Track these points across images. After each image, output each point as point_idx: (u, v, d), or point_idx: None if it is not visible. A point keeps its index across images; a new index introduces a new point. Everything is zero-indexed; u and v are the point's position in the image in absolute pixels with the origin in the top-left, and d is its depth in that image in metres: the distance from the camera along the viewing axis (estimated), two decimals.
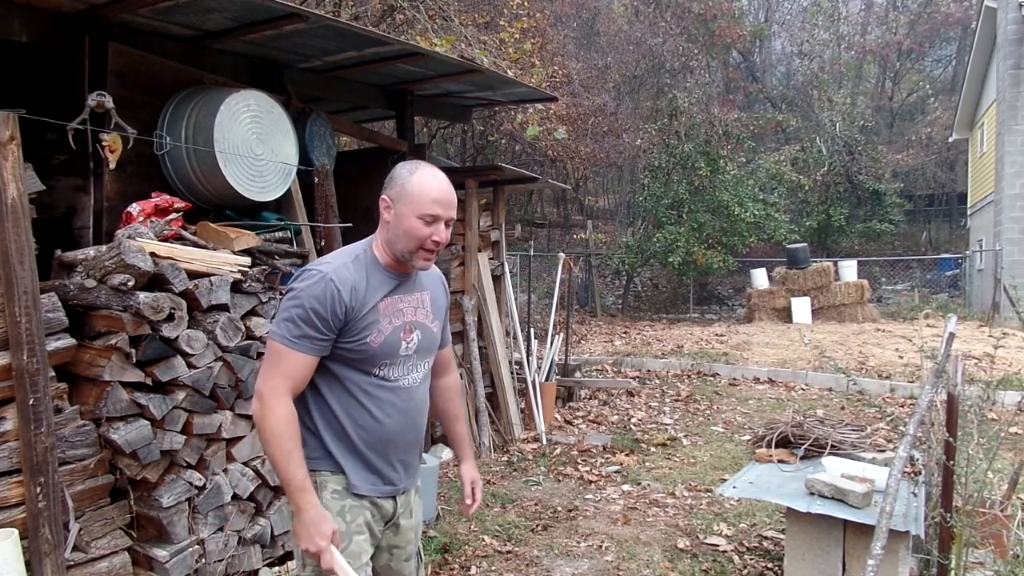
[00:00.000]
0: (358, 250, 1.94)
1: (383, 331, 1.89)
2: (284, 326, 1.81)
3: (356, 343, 1.85)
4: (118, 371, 2.85)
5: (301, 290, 1.81)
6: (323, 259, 1.91)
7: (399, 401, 1.95)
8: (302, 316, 1.79)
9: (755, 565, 3.76)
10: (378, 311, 1.88)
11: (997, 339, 3.28)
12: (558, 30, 15.36)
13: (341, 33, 4.21)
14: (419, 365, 2.01)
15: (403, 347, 1.94)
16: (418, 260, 1.89)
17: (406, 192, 1.86)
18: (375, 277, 1.90)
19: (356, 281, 1.85)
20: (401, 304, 1.94)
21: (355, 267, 1.88)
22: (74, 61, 3.61)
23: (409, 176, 1.87)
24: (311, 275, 1.83)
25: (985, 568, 3.22)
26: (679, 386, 8.59)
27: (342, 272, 1.84)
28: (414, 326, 1.96)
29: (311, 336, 1.80)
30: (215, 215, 4.01)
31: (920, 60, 27.44)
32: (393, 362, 1.93)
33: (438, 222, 1.86)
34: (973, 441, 3.03)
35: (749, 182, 15.60)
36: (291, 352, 1.80)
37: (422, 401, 2.05)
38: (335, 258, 1.91)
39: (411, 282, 1.98)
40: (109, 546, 2.89)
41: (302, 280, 1.84)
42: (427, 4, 8.73)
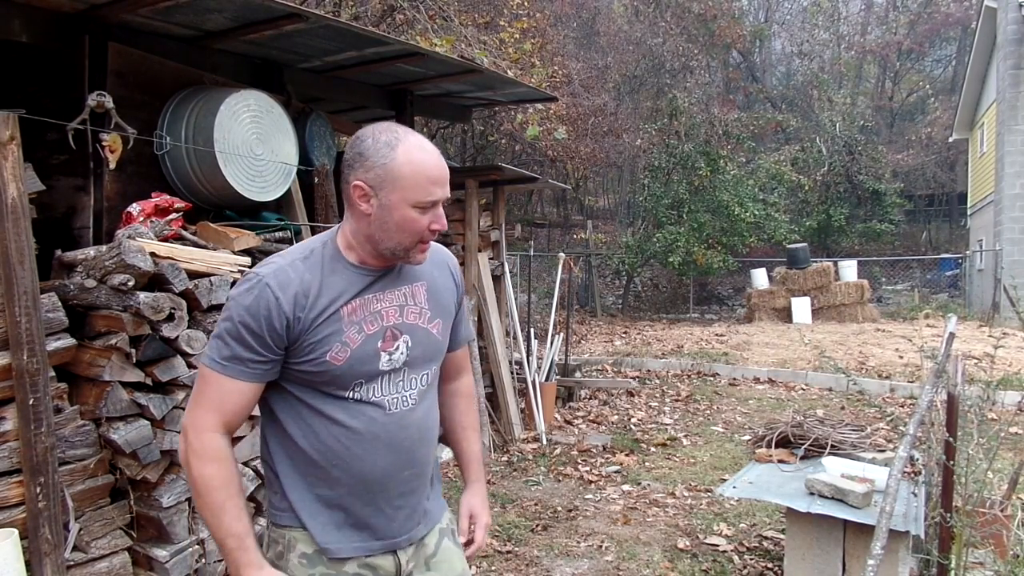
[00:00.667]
0: (314, 244, 1.53)
1: (350, 342, 1.46)
2: (212, 345, 1.45)
3: (312, 362, 1.45)
4: (118, 371, 2.85)
5: (231, 300, 1.45)
6: (268, 259, 1.52)
7: (386, 430, 1.51)
8: (231, 332, 1.42)
9: (755, 565, 3.76)
10: (339, 318, 1.46)
11: (997, 339, 3.28)
12: (558, 30, 15.36)
13: (341, 33, 4.21)
14: (413, 380, 1.56)
15: (384, 360, 1.50)
16: (417, 255, 1.51)
17: (392, 175, 1.43)
18: (336, 277, 1.49)
19: (304, 284, 1.45)
20: (377, 304, 1.51)
21: (306, 266, 1.48)
22: (74, 61, 3.61)
23: (390, 152, 1.43)
24: (244, 281, 1.46)
25: (985, 568, 3.22)
26: (679, 386, 8.59)
27: (283, 275, 1.45)
28: (399, 331, 1.53)
29: (243, 358, 1.42)
30: (215, 215, 4.01)
31: (920, 60, 27.44)
32: (372, 380, 1.50)
33: (437, 206, 1.48)
34: (973, 441, 3.02)
35: (749, 182, 15.61)
36: (218, 377, 1.43)
37: (422, 427, 1.58)
38: (281, 257, 1.51)
39: (393, 275, 1.55)
40: (109, 546, 2.88)
41: (236, 287, 1.47)
42: (427, 4, 8.73)
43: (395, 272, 1.56)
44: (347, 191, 1.48)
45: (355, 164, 1.45)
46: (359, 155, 1.45)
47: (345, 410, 1.49)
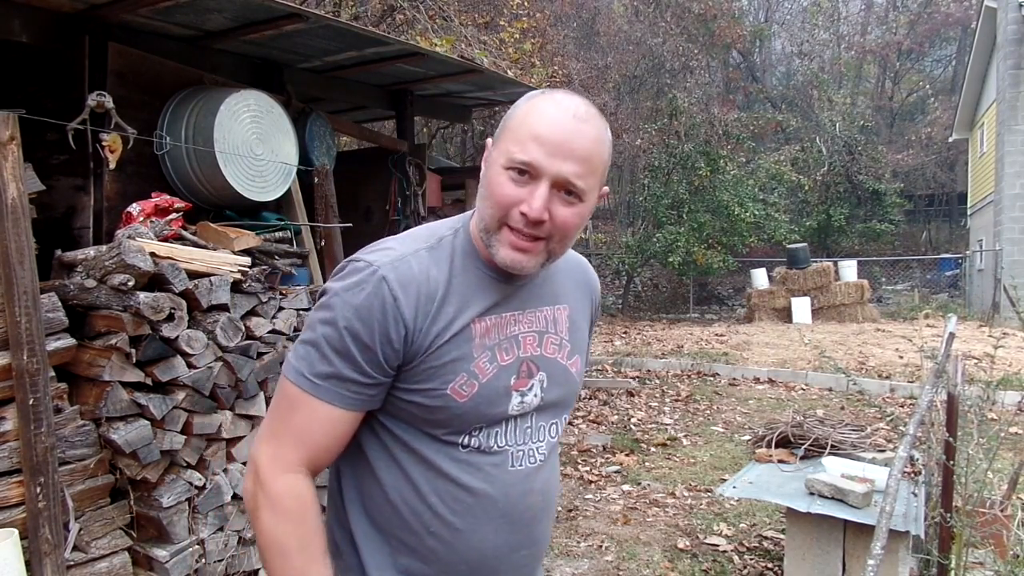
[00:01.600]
0: (442, 230, 1.17)
1: (479, 373, 1.11)
2: (302, 354, 1.09)
3: (427, 394, 1.09)
4: (118, 371, 2.85)
5: (335, 295, 1.08)
6: (382, 243, 1.15)
7: (505, 493, 1.15)
8: (333, 341, 1.06)
9: (755, 565, 3.76)
10: (470, 339, 1.11)
11: (997, 339, 3.28)
12: (558, 30, 15.36)
13: (341, 33, 4.21)
14: (543, 430, 1.21)
15: (515, 402, 1.15)
16: (500, 246, 1.09)
17: (505, 124, 1.12)
18: (467, 279, 1.13)
19: (430, 283, 1.09)
20: (515, 327, 1.16)
21: (432, 258, 1.12)
22: (74, 61, 3.61)
23: (524, 103, 1.12)
24: (350, 270, 1.10)
25: (985, 568, 3.22)
26: (679, 386, 8.59)
27: (405, 267, 1.09)
28: (537, 365, 1.17)
29: (344, 377, 1.07)
30: (215, 215, 4.01)
31: (920, 60, 27.47)
32: (494, 426, 1.14)
33: (539, 179, 1.06)
34: (973, 441, 3.02)
35: (749, 182, 15.63)
36: (309, 400, 1.07)
37: (547, 493, 1.23)
38: (398, 242, 1.14)
39: (534, 290, 1.19)
40: (109, 546, 2.88)
41: (340, 278, 1.11)
42: (427, 4, 8.73)
43: (535, 286, 1.19)
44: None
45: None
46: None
47: (454, 461, 1.12)
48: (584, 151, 1.09)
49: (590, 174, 1.10)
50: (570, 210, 1.09)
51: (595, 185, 1.13)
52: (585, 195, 1.10)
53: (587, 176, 1.10)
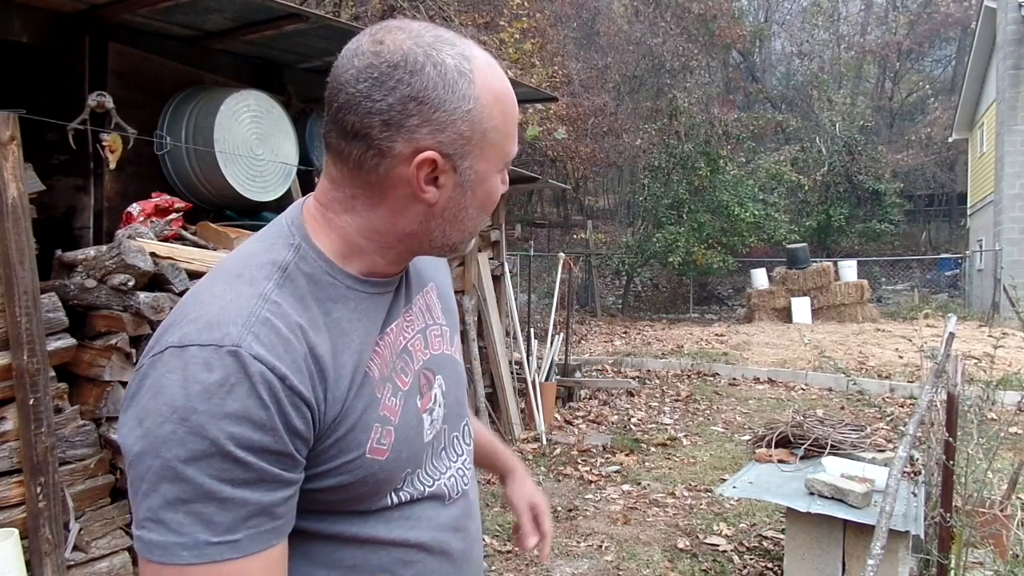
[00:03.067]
0: (279, 254, 0.83)
1: (390, 415, 0.86)
2: (184, 520, 0.70)
3: (343, 469, 0.82)
4: (118, 371, 2.85)
5: (189, 414, 0.70)
6: (198, 302, 0.78)
7: (455, 530, 0.97)
8: (229, 474, 0.71)
9: (755, 565, 3.76)
10: (369, 381, 0.84)
11: (997, 339, 3.27)
12: (558, 30, 15.37)
13: (341, 33, 4.21)
14: (456, 441, 1.01)
15: (427, 426, 0.93)
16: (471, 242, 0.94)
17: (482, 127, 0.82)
18: (343, 305, 0.84)
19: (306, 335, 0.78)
20: (402, 336, 0.92)
21: (288, 299, 0.79)
22: (74, 61, 3.61)
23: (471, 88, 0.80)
24: (192, 362, 0.72)
25: (985, 568, 3.22)
26: (679, 386, 8.59)
27: (268, 329, 0.75)
28: (432, 370, 0.96)
29: (268, 504, 0.74)
30: (215, 215, 4.01)
31: (920, 60, 27.48)
32: (417, 466, 0.92)
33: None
34: (973, 441, 3.03)
35: (749, 182, 15.64)
36: (233, 567, 0.72)
37: (478, 508, 1.06)
38: (232, 290, 0.78)
39: (406, 281, 0.96)
40: (109, 546, 2.89)
41: (172, 387, 0.71)
42: (427, 4, 8.73)
43: (404, 279, 0.96)
44: (381, 165, 0.81)
45: (407, 119, 0.79)
46: (416, 101, 0.78)
47: (389, 523, 0.89)
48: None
49: None
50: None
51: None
52: None
53: None
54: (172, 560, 0.70)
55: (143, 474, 0.71)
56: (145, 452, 0.71)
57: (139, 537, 0.73)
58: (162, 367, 0.73)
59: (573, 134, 14.66)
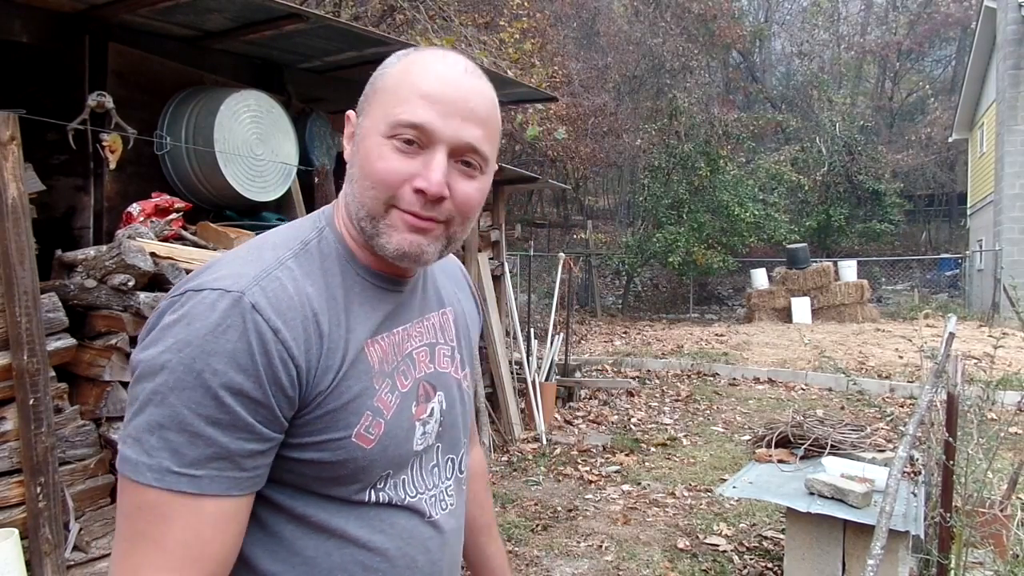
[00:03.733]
0: (304, 232, 0.90)
1: (383, 409, 0.87)
2: (157, 443, 0.74)
3: (326, 447, 0.82)
4: (118, 371, 2.86)
5: (183, 346, 0.75)
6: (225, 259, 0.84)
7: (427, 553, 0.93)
8: (204, 409, 0.74)
9: (755, 565, 3.76)
10: (368, 366, 0.86)
11: (997, 339, 3.27)
12: (558, 30, 15.38)
13: (341, 33, 4.21)
14: (450, 465, 1.00)
15: (418, 434, 0.93)
16: (391, 232, 0.85)
17: (376, 87, 0.89)
18: (350, 289, 0.88)
19: (312, 302, 0.82)
20: (409, 343, 0.94)
21: (302, 268, 0.85)
22: (74, 61, 3.61)
23: (395, 62, 0.90)
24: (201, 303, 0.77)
25: (985, 568, 3.23)
26: (679, 386, 8.59)
27: (276, 286, 0.80)
28: (433, 385, 0.96)
29: (234, 453, 0.76)
30: (215, 215, 4.02)
31: (920, 60, 27.48)
32: (400, 471, 0.91)
33: (432, 146, 0.83)
34: (973, 441, 3.03)
35: (749, 182, 15.64)
36: (188, 502, 0.74)
37: (460, 538, 1.03)
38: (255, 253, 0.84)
39: (417, 292, 0.97)
40: (109, 546, 2.88)
41: (179, 320, 0.77)
42: (427, 4, 8.73)
43: (418, 288, 0.97)
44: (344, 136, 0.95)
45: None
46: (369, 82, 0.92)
47: (362, 521, 0.87)
48: (484, 111, 0.86)
49: (490, 139, 0.87)
50: (472, 184, 0.87)
51: (494, 154, 0.90)
52: (486, 165, 0.88)
53: (488, 141, 0.87)
54: (137, 478, 0.75)
55: (138, 395, 0.76)
56: (144, 375, 0.76)
57: (119, 451, 0.77)
58: (176, 305, 0.79)
59: (573, 134, 14.67)
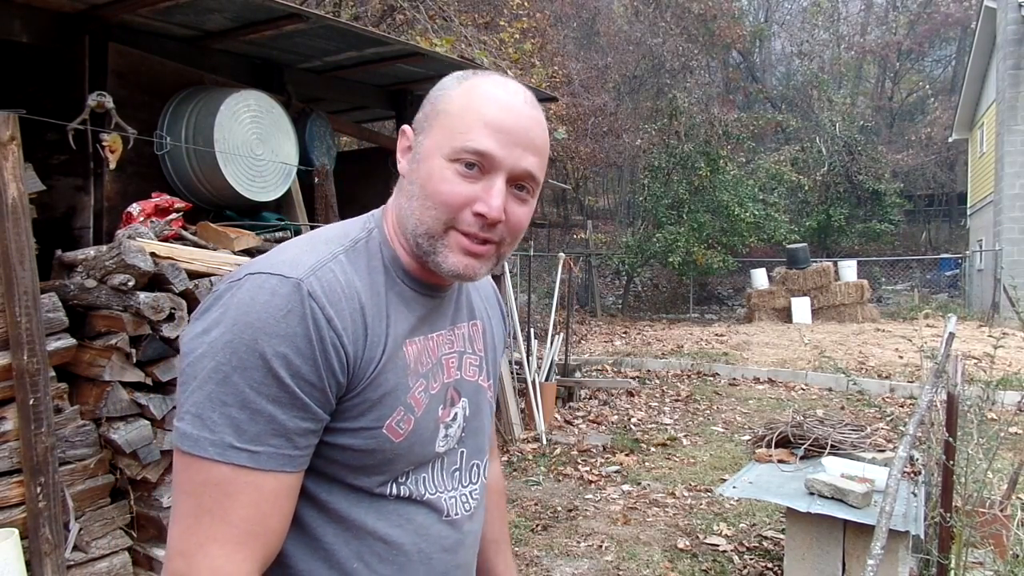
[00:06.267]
0: (355, 231, 0.96)
1: (415, 406, 0.92)
2: (219, 419, 0.78)
3: (361, 434, 0.87)
4: (118, 371, 2.85)
5: (245, 326, 0.79)
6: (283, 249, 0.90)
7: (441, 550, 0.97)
8: (264, 387, 0.79)
9: (755, 565, 3.76)
10: (405, 363, 0.92)
11: (997, 339, 3.27)
12: (558, 30, 15.39)
13: (341, 33, 4.21)
14: (474, 470, 1.04)
15: (440, 436, 0.97)
16: (448, 252, 0.91)
17: (437, 109, 0.92)
18: (391, 289, 0.93)
19: (358, 295, 0.88)
20: (438, 349, 0.98)
21: (352, 264, 0.90)
22: (74, 61, 3.61)
23: (455, 85, 0.93)
24: (263, 287, 0.82)
25: (985, 568, 3.22)
26: (679, 386, 8.59)
27: (330, 277, 0.85)
28: (459, 391, 1.01)
29: (291, 430, 0.81)
30: (215, 215, 4.01)
31: (920, 60, 27.48)
32: (422, 469, 0.96)
33: (493, 173, 0.88)
34: (973, 441, 3.03)
35: (749, 182, 15.64)
36: (250, 477, 0.79)
37: (476, 543, 1.07)
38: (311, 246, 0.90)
39: (449, 302, 1.03)
40: (109, 546, 2.89)
41: (243, 301, 0.81)
42: (427, 4, 8.73)
43: (451, 298, 1.02)
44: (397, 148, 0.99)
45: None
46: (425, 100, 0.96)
47: (380, 514, 0.91)
48: (541, 141, 0.92)
49: (543, 167, 0.94)
50: (523, 208, 0.93)
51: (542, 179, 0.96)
52: (537, 189, 0.94)
53: (541, 168, 0.94)
54: (199, 452, 0.79)
55: (197, 373, 0.80)
56: (205, 354, 0.80)
57: (177, 428, 0.81)
58: (237, 288, 0.83)
59: (573, 134, 14.68)
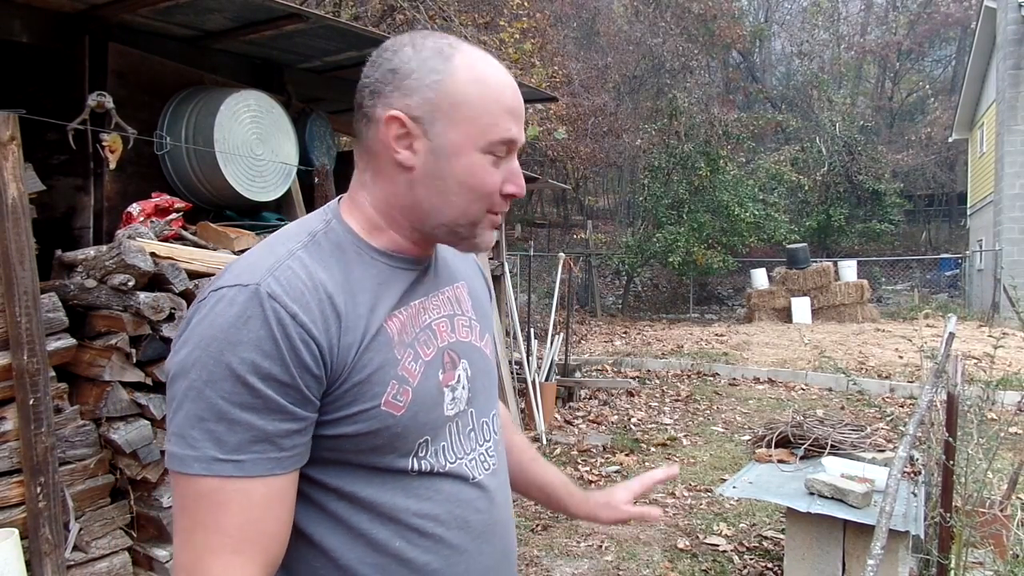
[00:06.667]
0: (311, 225, 0.96)
1: (408, 376, 0.92)
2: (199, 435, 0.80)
3: (358, 418, 0.88)
4: (118, 371, 2.85)
5: (210, 341, 0.81)
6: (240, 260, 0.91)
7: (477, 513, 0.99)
8: (237, 397, 0.80)
9: (755, 565, 3.76)
10: (388, 339, 0.91)
11: (997, 339, 3.27)
12: (558, 30, 15.39)
13: (341, 33, 4.21)
14: (485, 427, 1.05)
15: (448, 401, 0.98)
16: (485, 234, 0.97)
17: (452, 99, 0.90)
18: (362, 272, 0.93)
19: (325, 286, 0.88)
20: (426, 315, 0.99)
21: (313, 257, 0.90)
22: (74, 61, 3.61)
23: (445, 64, 0.90)
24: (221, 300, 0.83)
25: (985, 568, 3.22)
26: (679, 386, 8.59)
27: (289, 274, 0.86)
28: (457, 353, 1.01)
29: (272, 434, 0.82)
30: (215, 215, 4.01)
31: (920, 60, 27.48)
32: (438, 436, 0.96)
33: (512, 152, 0.95)
34: (973, 441, 3.03)
35: (749, 182, 15.64)
36: (237, 486, 0.81)
37: (508, 495, 1.11)
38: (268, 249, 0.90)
39: (432, 270, 1.03)
40: (109, 546, 2.88)
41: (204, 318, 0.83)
42: (427, 4, 8.73)
43: (433, 266, 1.04)
44: (369, 132, 0.93)
45: (385, 86, 0.91)
46: (392, 72, 0.91)
47: (407, 492, 0.92)
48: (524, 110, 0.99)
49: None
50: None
51: None
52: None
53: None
54: (186, 470, 0.81)
55: (175, 394, 0.83)
56: (178, 374, 0.83)
57: (166, 450, 0.84)
58: (201, 307, 0.85)
59: (573, 134, 14.68)
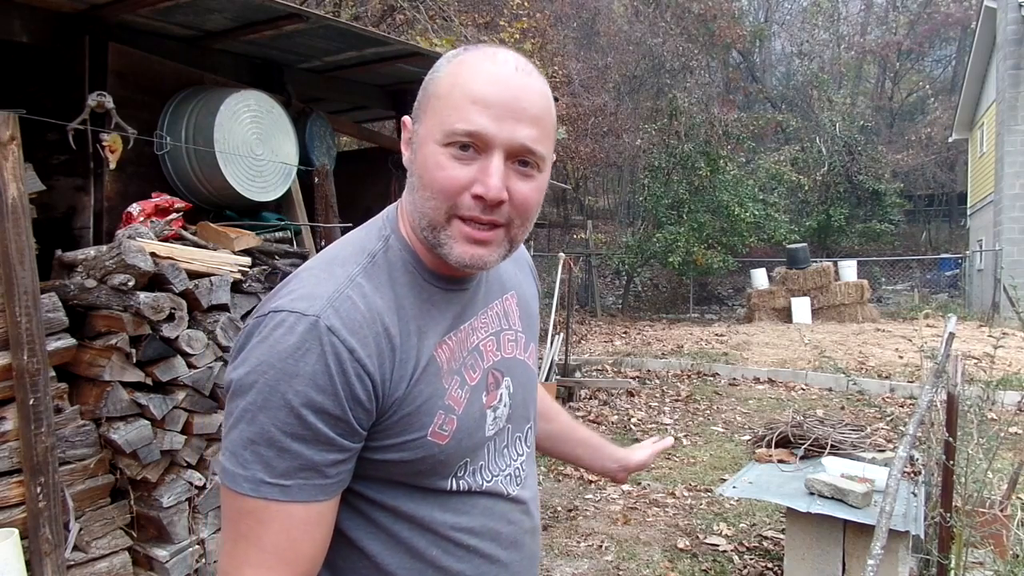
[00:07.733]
0: (371, 243, 0.94)
1: (455, 406, 0.93)
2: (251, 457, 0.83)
3: (404, 447, 0.90)
4: (118, 371, 2.85)
5: (267, 368, 0.82)
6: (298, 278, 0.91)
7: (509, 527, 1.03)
8: (289, 427, 0.82)
9: (755, 565, 3.76)
10: (437, 370, 0.92)
11: (997, 339, 3.27)
12: (558, 30, 15.39)
13: (341, 33, 4.21)
14: (519, 442, 1.06)
15: (489, 421, 0.99)
16: (452, 244, 0.89)
17: (429, 93, 0.91)
18: (418, 296, 0.93)
19: (383, 317, 0.88)
20: (474, 336, 0.98)
21: (372, 283, 0.89)
22: (74, 61, 3.61)
23: (445, 65, 0.91)
24: (280, 325, 0.84)
25: (985, 568, 3.22)
26: (679, 386, 8.59)
27: (349, 306, 0.85)
28: (501, 372, 1.01)
29: (318, 464, 0.84)
30: (215, 215, 4.01)
31: (920, 60, 27.49)
32: (477, 459, 0.98)
33: (489, 151, 0.86)
34: (973, 441, 3.03)
35: (749, 182, 15.64)
36: (280, 508, 0.84)
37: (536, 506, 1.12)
38: (326, 272, 0.90)
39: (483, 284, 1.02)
40: (109, 546, 2.89)
41: (262, 341, 0.84)
42: (427, 4, 8.73)
43: (481, 281, 1.02)
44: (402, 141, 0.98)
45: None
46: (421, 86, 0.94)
47: (447, 508, 0.95)
48: (537, 109, 0.87)
49: (546, 138, 0.89)
50: (530, 184, 0.88)
51: (550, 152, 0.91)
52: (543, 164, 0.90)
53: (544, 140, 0.88)
54: (235, 487, 0.85)
55: (232, 410, 0.85)
56: (236, 393, 0.85)
57: (220, 462, 0.87)
58: (262, 326, 0.86)
59: (573, 134, 14.69)
